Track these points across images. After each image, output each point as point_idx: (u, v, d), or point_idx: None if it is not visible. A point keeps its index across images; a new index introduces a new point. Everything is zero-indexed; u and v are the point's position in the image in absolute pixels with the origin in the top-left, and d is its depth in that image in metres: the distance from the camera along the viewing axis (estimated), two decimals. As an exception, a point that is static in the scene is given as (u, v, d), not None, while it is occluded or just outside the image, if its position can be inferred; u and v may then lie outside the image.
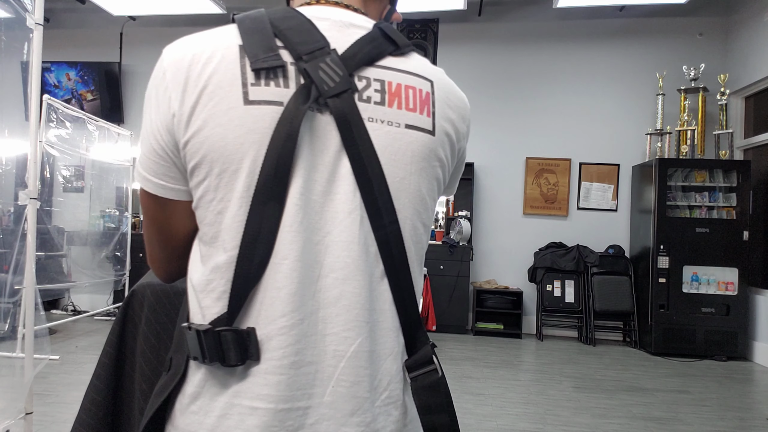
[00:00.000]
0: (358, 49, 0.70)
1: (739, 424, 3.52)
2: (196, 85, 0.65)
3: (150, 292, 1.05)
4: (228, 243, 0.65)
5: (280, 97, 0.65)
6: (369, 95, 0.69)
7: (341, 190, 0.67)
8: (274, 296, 0.64)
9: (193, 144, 0.65)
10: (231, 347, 0.64)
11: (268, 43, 0.67)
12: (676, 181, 5.57)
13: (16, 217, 4.45)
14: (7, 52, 3.09)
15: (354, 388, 0.67)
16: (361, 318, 0.67)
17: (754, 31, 5.58)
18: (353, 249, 0.67)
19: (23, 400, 2.58)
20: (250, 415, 0.64)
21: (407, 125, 0.71)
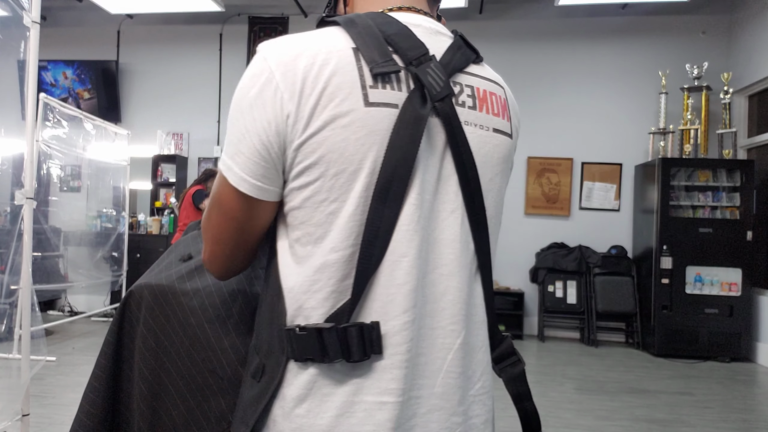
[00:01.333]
0: (451, 57, 0.74)
1: (742, 426, 3.50)
2: (314, 86, 0.65)
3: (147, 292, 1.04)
4: (341, 242, 0.66)
5: (395, 100, 0.67)
6: (463, 100, 0.74)
7: (446, 190, 0.72)
8: (395, 293, 0.66)
9: (310, 144, 0.65)
10: (355, 343, 0.65)
11: (383, 48, 0.69)
12: (679, 180, 5.54)
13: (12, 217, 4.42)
14: (4, 50, 3.07)
15: (460, 379, 0.72)
16: (464, 312, 0.72)
17: (757, 30, 5.55)
18: (456, 246, 0.72)
19: (20, 401, 2.56)
20: (379, 410, 0.66)
21: (495, 129, 0.77)
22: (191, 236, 1.18)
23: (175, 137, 6.97)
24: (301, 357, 0.66)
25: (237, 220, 0.73)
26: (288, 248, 0.71)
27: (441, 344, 0.70)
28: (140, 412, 1.00)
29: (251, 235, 0.75)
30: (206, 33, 6.97)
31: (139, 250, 6.40)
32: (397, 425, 0.66)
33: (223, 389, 0.91)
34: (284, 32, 6.88)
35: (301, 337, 0.66)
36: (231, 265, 0.80)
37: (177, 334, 0.99)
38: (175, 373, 0.98)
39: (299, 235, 0.69)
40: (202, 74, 6.99)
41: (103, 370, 1.05)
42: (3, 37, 3.02)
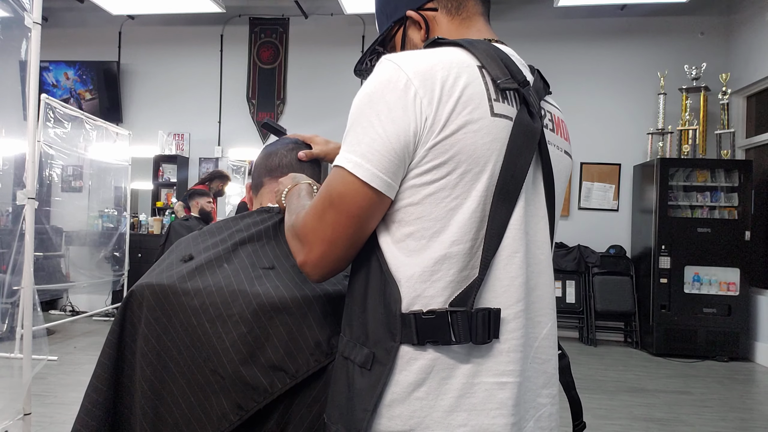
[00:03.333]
0: (539, 86, 0.86)
1: (740, 425, 3.51)
2: (450, 94, 0.73)
3: (149, 292, 1.04)
4: (463, 236, 0.73)
5: (510, 114, 0.76)
6: (546, 123, 0.85)
7: (537, 198, 0.82)
8: (508, 285, 0.74)
9: (444, 144, 0.73)
10: (481, 326, 0.71)
11: (502, 68, 0.78)
12: (678, 180, 5.55)
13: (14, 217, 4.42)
14: (5, 51, 3.08)
15: (545, 365, 0.81)
16: (551, 306, 0.83)
17: (755, 31, 5.56)
18: (545, 248, 0.82)
19: (21, 400, 2.57)
20: (500, 390, 0.73)
21: (565, 151, 0.91)
22: (192, 236, 1.19)
23: (176, 138, 6.98)
24: (423, 340, 0.71)
25: (359, 218, 0.76)
26: (394, 243, 0.76)
27: (530, 333, 0.78)
28: (142, 412, 1.01)
29: (365, 233, 0.78)
30: (207, 34, 6.98)
31: (140, 249, 6.41)
32: (516, 403, 0.73)
33: (225, 388, 0.92)
34: (285, 33, 6.89)
35: (428, 320, 0.71)
36: (340, 265, 0.81)
37: (178, 334, 1.00)
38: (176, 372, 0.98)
39: (413, 230, 0.75)
40: (203, 75, 7.00)
41: (105, 370, 1.06)
42: (4, 38, 3.03)
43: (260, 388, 0.91)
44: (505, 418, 0.72)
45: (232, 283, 0.98)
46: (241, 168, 6.77)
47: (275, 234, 1.11)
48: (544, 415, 0.80)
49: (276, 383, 0.91)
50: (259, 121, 6.79)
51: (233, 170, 6.76)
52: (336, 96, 6.64)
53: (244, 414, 0.91)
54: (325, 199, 0.77)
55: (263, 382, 0.91)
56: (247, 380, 0.92)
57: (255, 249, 1.08)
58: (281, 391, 0.91)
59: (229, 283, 0.98)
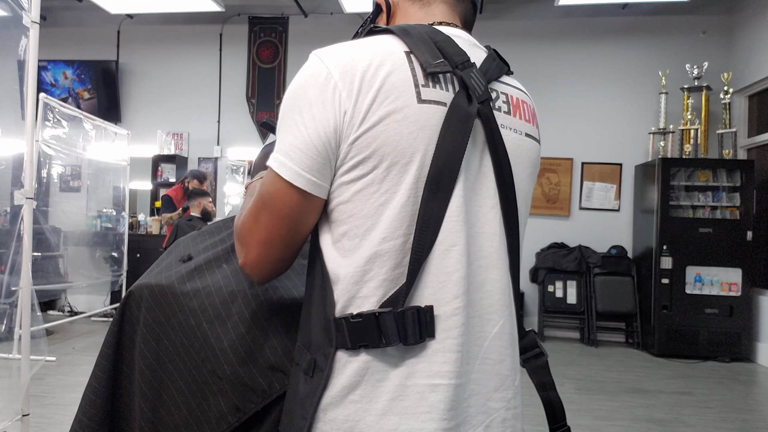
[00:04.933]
0: (489, 66, 0.81)
1: (742, 426, 3.50)
2: (371, 85, 0.70)
3: (147, 292, 1.04)
4: (393, 232, 0.70)
5: (443, 99, 0.73)
6: (499, 105, 0.81)
7: (485, 187, 0.77)
8: (445, 280, 0.71)
9: (365, 138, 0.70)
10: (411, 326, 0.69)
11: (434, 52, 0.75)
12: (679, 180, 5.54)
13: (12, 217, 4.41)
14: (4, 50, 3.07)
15: (497, 366, 0.76)
16: (502, 302, 0.77)
17: (757, 30, 5.55)
18: (495, 240, 0.77)
19: (20, 401, 2.56)
20: (432, 392, 0.69)
21: (526, 134, 0.84)
22: (191, 237, 1.18)
23: (175, 137, 6.97)
24: (355, 344, 0.69)
25: (289, 218, 0.74)
26: (332, 243, 0.74)
27: (478, 332, 0.74)
28: (141, 412, 1.01)
29: (301, 234, 0.77)
30: (206, 33, 6.97)
31: (139, 250, 6.40)
32: (451, 407, 0.69)
33: (223, 390, 0.92)
34: (284, 32, 6.88)
35: (357, 324, 0.69)
36: (280, 266, 0.80)
37: (177, 335, 0.99)
38: (175, 373, 0.99)
39: (346, 229, 0.72)
40: (202, 74, 6.99)
41: (103, 371, 1.06)
42: (2, 37, 3.02)
43: (258, 389, 0.91)
44: (435, 423, 0.69)
45: (231, 284, 0.98)
46: (241, 168, 6.76)
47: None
48: (496, 420, 0.76)
49: (274, 384, 0.90)
50: (259, 121, 6.77)
51: (232, 170, 6.75)
52: (336, 95, 6.62)
53: (243, 415, 0.91)
54: (258, 200, 0.76)
55: (262, 383, 0.91)
56: (246, 381, 0.91)
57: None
58: (279, 392, 0.90)
59: (228, 284, 0.98)
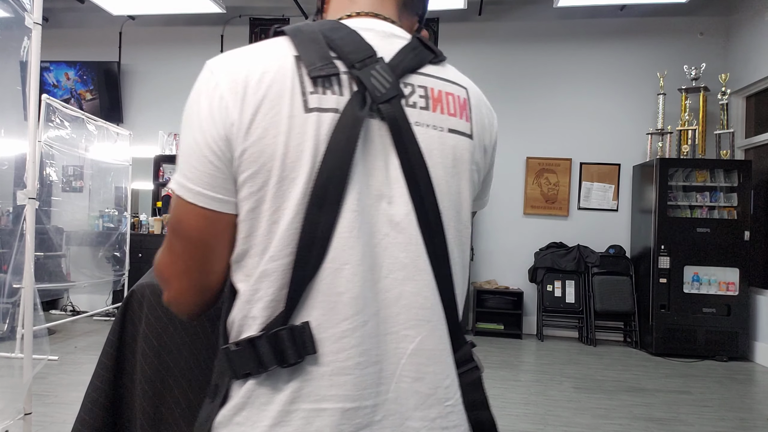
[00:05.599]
0: (402, 57, 0.73)
1: (740, 425, 3.51)
2: (255, 94, 0.66)
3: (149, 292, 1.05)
4: (281, 251, 0.65)
5: (336, 105, 0.67)
6: (414, 101, 0.72)
7: (395, 194, 0.69)
8: (335, 300, 0.65)
9: (252, 153, 0.65)
10: (288, 346, 0.64)
11: (323, 52, 0.69)
12: (677, 180, 5.56)
13: (14, 217, 4.43)
14: (6, 51, 3.08)
15: (416, 384, 0.68)
16: (421, 317, 0.69)
17: (755, 31, 5.57)
18: (411, 250, 0.69)
19: (22, 400, 2.57)
20: (317, 417, 0.64)
21: (450, 129, 0.74)
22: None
23: (177, 138, 6.98)
24: (238, 374, 0.66)
25: (201, 241, 0.70)
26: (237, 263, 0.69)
27: (394, 350, 0.68)
28: (143, 410, 1.02)
29: (218, 257, 0.71)
30: (207, 34, 6.98)
31: (140, 249, 6.41)
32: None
33: None
34: (284, 33, 6.88)
35: (236, 353, 0.65)
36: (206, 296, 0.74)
37: (178, 333, 1.00)
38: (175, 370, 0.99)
39: (246, 249, 0.68)
40: (203, 75, 6.99)
41: (106, 369, 1.06)
42: (5, 38, 3.03)
43: None
44: None
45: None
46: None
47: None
48: None
49: None
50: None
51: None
52: (336, 96, 6.64)
53: None
54: (170, 228, 0.72)
55: None
56: None
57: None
58: None
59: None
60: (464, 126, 0.76)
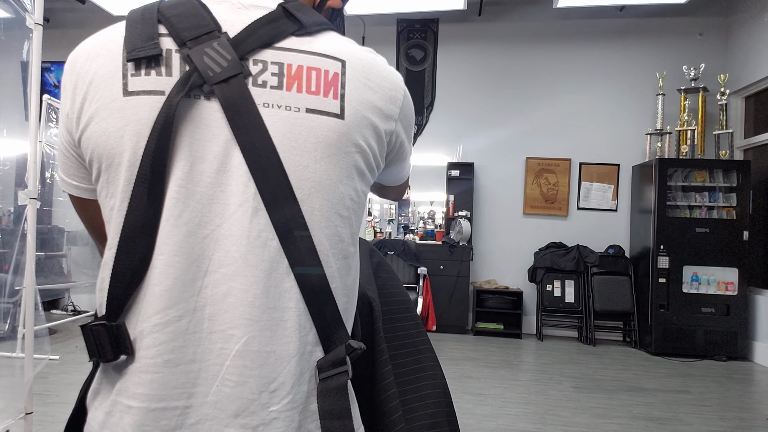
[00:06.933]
0: (252, 31, 0.67)
1: (739, 424, 3.52)
2: (83, 81, 0.65)
3: None
4: (112, 239, 0.64)
5: (161, 87, 0.64)
6: (265, 79, 0.66)
7: (232, 182, 0.64)
8: (151, 293, 0.62)
9: (84, 141, 0.65)
10: (106, 342, 0.63)
11: (149, 31, 0.65)
12: (676, 181, 5.57)
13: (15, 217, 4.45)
14: (7, 52, 3.10)
15: (239, 389, 0.63)
16: (249, 315, 0.63)
17: (754, 31, 5.58)
18: (242, 243, 0.64)
19: (23, 400, 2.58)
20: (126, 414, 0.63)
21: (308, 109, 0.66)
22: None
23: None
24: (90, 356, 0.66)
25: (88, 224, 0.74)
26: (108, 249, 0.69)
27: (219, 350, 0.63)
28: None
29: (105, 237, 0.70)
30: (207, 34, 6.98)
31: (140, 250, 6.41)
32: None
33: None
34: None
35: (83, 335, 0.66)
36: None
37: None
38: None
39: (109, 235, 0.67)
40: (203, 75, 7.00)
41: None
42: (6, 39, 3.05)
43: None
44: None
45: None
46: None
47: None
48: None
49: None
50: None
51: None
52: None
53: None
54: None
55: None
56: None
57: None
58: None
59: None
60: (330, 105, 0.67)
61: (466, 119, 6.50)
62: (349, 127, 0.68)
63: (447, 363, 4.72)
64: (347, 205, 0.69)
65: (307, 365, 0.67)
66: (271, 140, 0.64)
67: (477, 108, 6.47)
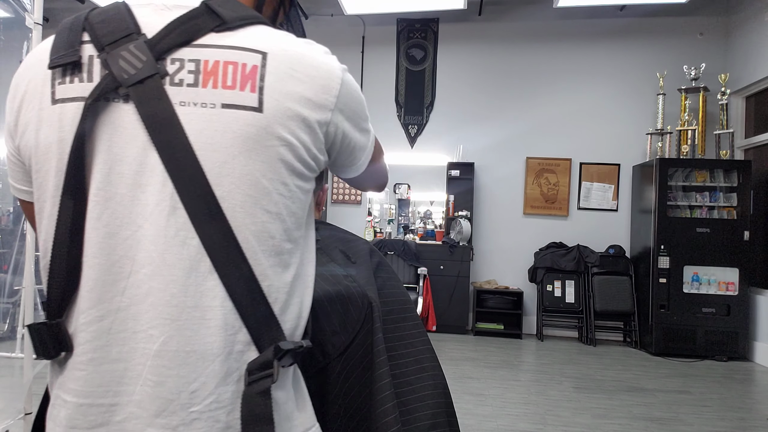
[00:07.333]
0: (169, 31, 0.67)
1: (739, 425, 3.52)
2: (20, 91, 0.69)
3: None
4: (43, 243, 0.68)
5: (83, 93, 0.65)
6: (181, 78, 0.66)
7: (150, 182, 0.65)
8: (79, 294, 0.66)
9: (22, 149, 0.69)
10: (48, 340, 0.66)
11: (72, 39, 0.67)
12: (677, 181, 5.56)
13: (15, 216, 4.45)
14: (6, 51, 3.10)
15: (158, 389, 0.64)
16: (167, 315, 0.64)
17: (754, 31, 5.58)
18: (160, 243, 0.64)
19: (22, 400, 2.58)
20: (62, 407, 0.67)
21: (224, 105, 0.65)
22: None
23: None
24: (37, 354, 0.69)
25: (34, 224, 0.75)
26: None
27: (142, 349, 0.64)
28: None
29: None
30: (207, 34, 6.98)
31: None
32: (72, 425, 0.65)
33: None
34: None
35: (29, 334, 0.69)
36: None
37: None
38: None
39: None
40: (203, 75, 7.00)
41: None
42: (5, 39, 3.05)
43: None
44: None
45: None
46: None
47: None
48: None
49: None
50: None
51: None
52: (336, 96, 6.66)
53: None
54: None
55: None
56: None
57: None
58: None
59: None
60: (247, 98, 0.66)
61: (466, 119, 6.50)
62: (270, 120, 0.66)
63: (447, 363, 4.71)
64: (275, 200, 0.68)
65: (237, 365, 0.66)
66: (187, 138, 0.64)
67: (477, 108, 6.46)
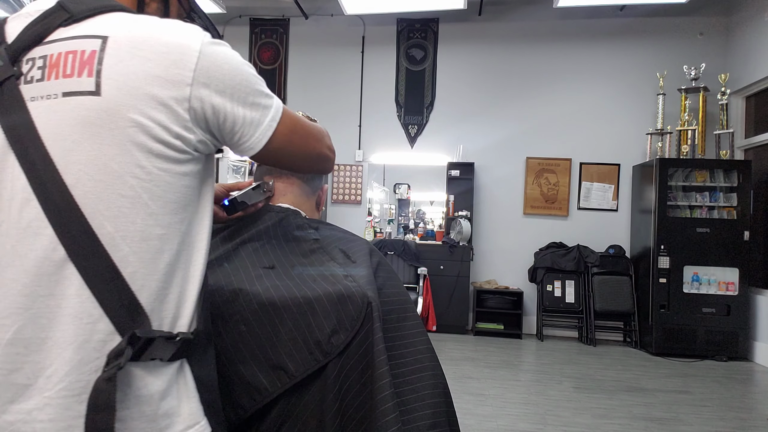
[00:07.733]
0: (24, 34, 0.71)
1: (739, 425, 3.51)
2: None
3: None
4: None
5: None
6: (33, 75, 0.70)
7: (7, 178, 0.68)
8: None
9: None
10: None
11: None
12: (677, 181, 5.56)
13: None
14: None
15: (12, 376, 0.66)
16: (19, 305, 0.66)
17: (754, 31, 5.58)
18: (12, 234, 0.67)
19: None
20: None
21: (65, 93, 0.68)
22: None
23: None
24: None
25: None
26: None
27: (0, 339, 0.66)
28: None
29: None
30: (207, 34, 6.98)
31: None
32: None
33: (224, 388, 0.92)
34: (285, 34, 6.90)
35: None
36: None
37: None
38: None
39: None
40: (203, 75, 6.99)
41: None
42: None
43: (260, 388, 0.92)
44: None
45: (232, 282, 0.99)
46: (242, 168, 6.77)
47: (276, 233, 1.12)
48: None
49: (276, 383, 0.92)
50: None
51: (233, 170, 6.77)
52: (336, 96, 6.66)
53: (244, 414, 0.92)
54: None
55: (263, 381, 0.92)
56: (247, 379, 0.92)
57: (255, 248, 1.08)
58: (281, 390, 0.91)
59: (228, 282, 0.99)
60: (84, 83, 0.68)
61: (466, 119, 6.49)
62: (111, 102, 0.67)
63: (447, 363, 4.71)
64: (129, 183, 0.68)
65: (96, 354, 0.67)
66: (36, 131, 0.67)
67: (477, 108, 6.46)
